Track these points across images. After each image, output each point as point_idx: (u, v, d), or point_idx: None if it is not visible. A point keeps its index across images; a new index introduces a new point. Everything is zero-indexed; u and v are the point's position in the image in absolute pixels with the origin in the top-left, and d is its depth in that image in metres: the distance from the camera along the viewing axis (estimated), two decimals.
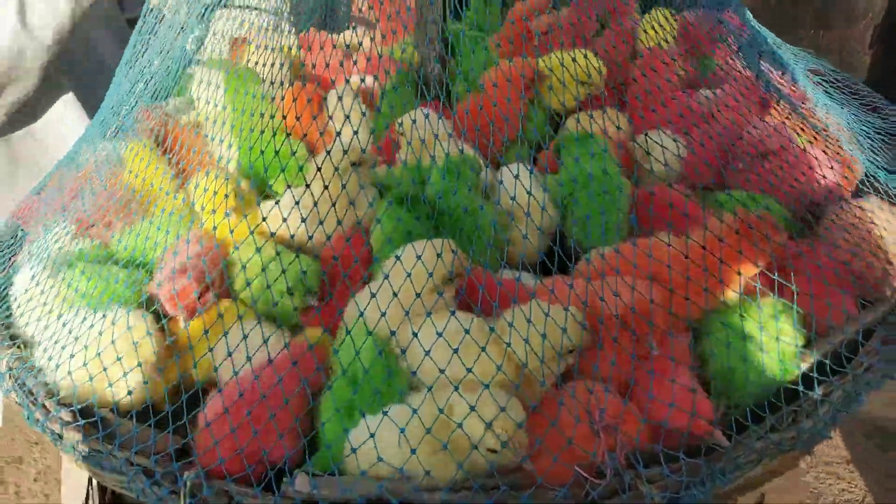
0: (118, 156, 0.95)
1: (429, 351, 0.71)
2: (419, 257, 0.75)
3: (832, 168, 0.97)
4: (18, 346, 0.91)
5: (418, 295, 0.73)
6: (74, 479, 1.01)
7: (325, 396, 0.74)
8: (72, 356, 0.82)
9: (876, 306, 0.82)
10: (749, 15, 1.11)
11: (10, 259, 1.09)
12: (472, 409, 0.66)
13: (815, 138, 0.99)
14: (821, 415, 0.74)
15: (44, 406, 0.82)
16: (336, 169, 0.83)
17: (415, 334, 0.73)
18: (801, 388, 0.74)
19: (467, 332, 0.72)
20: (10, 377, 0.88)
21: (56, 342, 0.86)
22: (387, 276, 0.76)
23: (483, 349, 0.71)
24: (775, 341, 0.75)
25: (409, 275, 0.74)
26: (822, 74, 1.31)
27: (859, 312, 0.81)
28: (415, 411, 0.69)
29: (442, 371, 0.71)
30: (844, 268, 0.83)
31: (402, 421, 0.69)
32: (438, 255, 0.75)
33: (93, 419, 0.79)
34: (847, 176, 1.01)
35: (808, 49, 1.32)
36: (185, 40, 0.96)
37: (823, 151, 0.97)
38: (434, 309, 0.74)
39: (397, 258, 0.77)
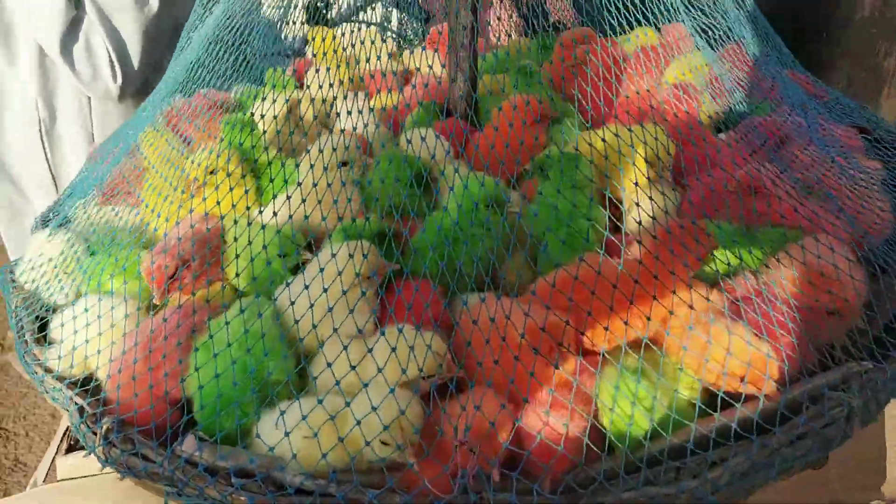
0: (137, 141, 1.09)
1: (322, 344, 0.76)
2: (334, 255, 0.80)
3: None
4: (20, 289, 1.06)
5: (325, 290, 0.78)
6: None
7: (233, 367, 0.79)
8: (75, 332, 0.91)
9: (811, 378, 0.75)
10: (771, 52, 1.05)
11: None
12: (374, 409, 0.69)
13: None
14: (708, 478, 0.69)
15: (25, 341, 0.95)
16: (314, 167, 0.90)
17: (314, 326, 0.77)
18: (690, 446, 0.70)
19: (360, 331, 0.76)
20: (15, 314, 1.03)
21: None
22: (302, 271, 0.81)
23: (370, 350, 0.75)
24: (671, 391, 0.72)
25: (321, 270, 0.79)
26: (868, 133, 1.20)
27: (787, 383, 0.75)
28: (297, 396, 0.74)
29: (329, 364, 0.74)
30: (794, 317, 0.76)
31: (285, 406, 0.74)
32: (350, 256, 0.79)
33: (56, 360, 0.91)
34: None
35: None
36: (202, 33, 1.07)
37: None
38: (336, 305, 0.78)
39: (315, 255, 0.82)
